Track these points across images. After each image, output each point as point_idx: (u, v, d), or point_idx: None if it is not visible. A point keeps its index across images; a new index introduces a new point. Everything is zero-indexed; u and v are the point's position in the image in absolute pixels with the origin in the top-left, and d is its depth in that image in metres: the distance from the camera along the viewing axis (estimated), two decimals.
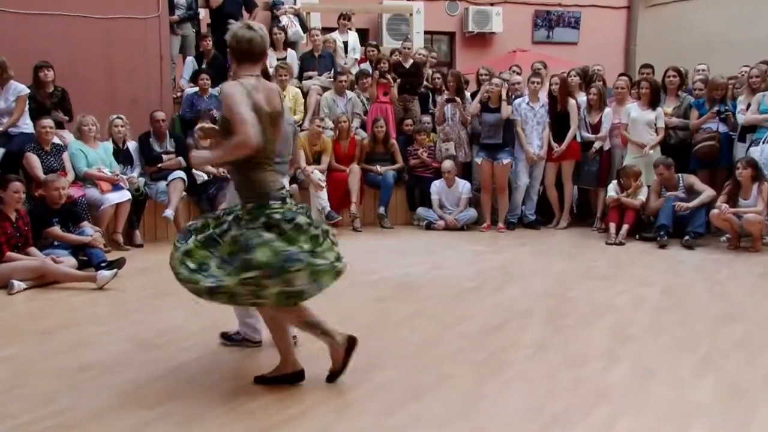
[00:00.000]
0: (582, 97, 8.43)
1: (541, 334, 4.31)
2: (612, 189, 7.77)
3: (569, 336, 4.27)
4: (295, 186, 7.63)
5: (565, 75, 8.64)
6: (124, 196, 6.98)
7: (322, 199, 8.01)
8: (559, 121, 8.24)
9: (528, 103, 8.33)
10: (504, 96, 8.05)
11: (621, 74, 9.06)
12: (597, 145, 8.18)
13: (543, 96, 8.41)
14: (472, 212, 8.45)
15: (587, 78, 8.80)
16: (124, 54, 8.19)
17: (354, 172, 8.37)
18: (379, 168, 8.60)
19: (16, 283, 5.28)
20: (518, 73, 9.17)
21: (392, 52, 10.08)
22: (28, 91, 7.09)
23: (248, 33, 3.25)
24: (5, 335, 4.30)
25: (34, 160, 6.70)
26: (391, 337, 4.21)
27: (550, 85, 8.43)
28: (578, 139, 8.33)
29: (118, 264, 5.76)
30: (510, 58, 11.73)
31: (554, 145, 8.24)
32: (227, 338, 4.03)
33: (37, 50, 7.45)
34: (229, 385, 3.44)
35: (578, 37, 14.05)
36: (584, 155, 8.29)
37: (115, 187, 7.00)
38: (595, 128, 8.24)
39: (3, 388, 3.38)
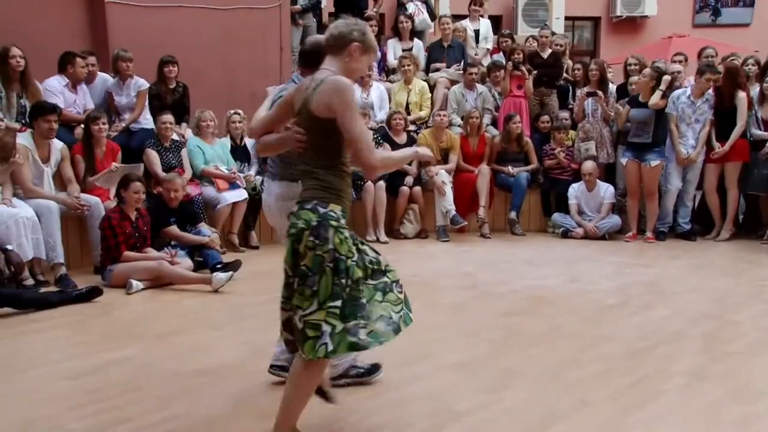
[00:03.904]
0: (755, 89, 7.95)
1: (697, 361, 4.12)
2: None
3: (734, 366, 4.06)
4: None
5: (737, 62, 8.18)
6: (241, 195, 7.29)
7: (447, 201, 8.02)
8: (723, 117, 7.82)
9: (689, 97, 7.96)
10: (662, 86, 7.70)
11: None
12: None
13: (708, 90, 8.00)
14: (615, 219, 8.20)
15: (764, 66, 8.27)
16: (243, 46, 8.58)
17: (483, 172, 8.33)
18: (511, 169, 8.52)
19: (134, 282, 5.69)
20: (681, 62, 8.79)
21: (527, 40, 9.96)
22: (148, 85, 7.60)
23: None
24: (123, 336, 4.63)
25: (153, 157, 7.15)
26: (522, 355, 4.16)
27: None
28: (748, 137, 7.87)
29: (233, 266, 6.06)
30: (665, 44, 11.29)
31: (715, 144, 7.83)
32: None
33: (155, 43, 7.96)
34: (348, 399, 3.50)
35: (752, 17, 13.27)
36: (754, 156, 7.82)
37: (232, 185, 7.32)
38: None
39: (120, 390, 3.65)
